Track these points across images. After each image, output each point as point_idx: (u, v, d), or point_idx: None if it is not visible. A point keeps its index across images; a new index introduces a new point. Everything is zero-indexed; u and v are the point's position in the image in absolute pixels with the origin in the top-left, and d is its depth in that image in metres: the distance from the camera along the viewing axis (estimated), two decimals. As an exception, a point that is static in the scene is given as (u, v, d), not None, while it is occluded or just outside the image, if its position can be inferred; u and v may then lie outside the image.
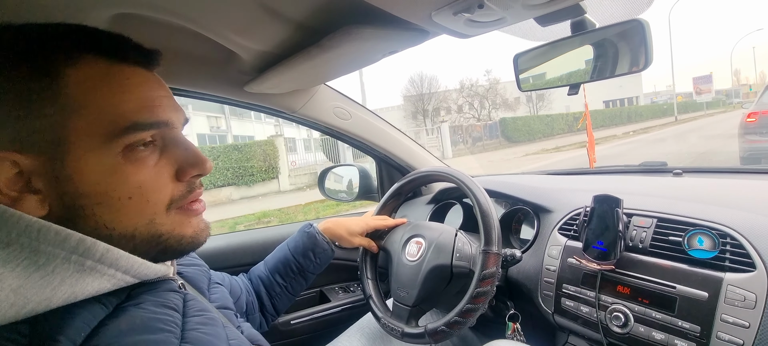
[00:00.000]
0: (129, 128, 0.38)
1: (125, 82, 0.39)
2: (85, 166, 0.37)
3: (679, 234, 0.69)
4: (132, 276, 0.39)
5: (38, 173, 0.36)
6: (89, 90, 0.37)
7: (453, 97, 26.09)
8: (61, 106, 0.36)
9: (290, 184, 11.45)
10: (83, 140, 0.37)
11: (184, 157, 0.43)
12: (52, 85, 0.36)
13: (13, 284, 0.32)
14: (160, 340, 0.36)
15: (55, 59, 0.36)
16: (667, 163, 1.19)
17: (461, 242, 0.88)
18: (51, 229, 0.35)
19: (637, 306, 0.69)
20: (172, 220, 0.42)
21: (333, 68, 0.77)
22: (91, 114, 0.37)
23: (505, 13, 0.50)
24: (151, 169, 0.41)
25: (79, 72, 0.37)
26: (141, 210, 0.40)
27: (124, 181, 0.38)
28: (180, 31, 0.67)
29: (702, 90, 28.86)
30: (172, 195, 0.42)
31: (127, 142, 0.38)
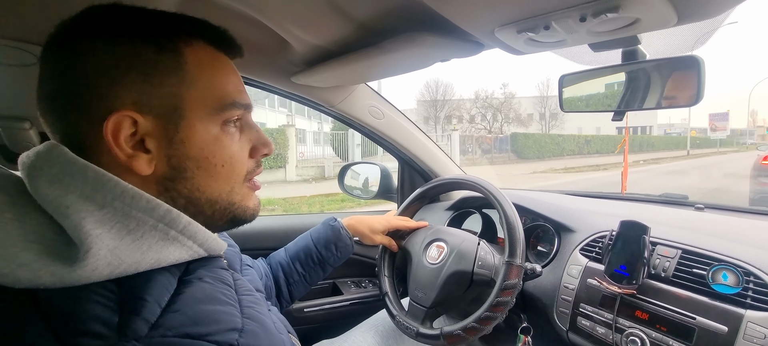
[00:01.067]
0: (230, 105, 0.44)
1: (226, 67, 0.45)
2: (195, 133, 0.41)
3: (703, 267, 0.70)
4: (204, 250, 0.42)
5: (152, 134, 0.40)
6: (203, 68, 0.42)
7: (466, 107, 26.04)
8: (181, 78, 0.41)
9: (297, 175, 11.49)
10: (196, 110, 0.41)
11: (256, 138, 0.48)
12: (176, 60, 0.40)
13: (110, 244, 0.34)
14: (228, 312, 0.39)
15: (176, 39, 0.41)
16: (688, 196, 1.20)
17: (484, 251, 0.90)
18: (143, 196, 0.37)
19: (655, 333, 0.71)
20: (244, 191, 0.47)
21: (384, 70, 0.79)
22: (203, 89, 0.42)
23: (567, 37, 0.52)
24: (236, 143, 0.46)
25: (194, 53, 0.42)
26: (228, 178, 0.45)
27: (221, 149, 0.43)
28: (240, 17, 0.70)
29: (717, 127, 28.53)
30: (248, 168, 0.47)
31: (225, 118, 0.44)
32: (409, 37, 0.60)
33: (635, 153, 23.16)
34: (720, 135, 28.32)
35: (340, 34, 0.69)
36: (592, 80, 0.70)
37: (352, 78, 0.91)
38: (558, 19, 0.48)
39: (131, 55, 0.39)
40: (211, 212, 0.44)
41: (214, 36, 0.44)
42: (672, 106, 0.60)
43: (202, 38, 0.43)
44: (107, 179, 0.36)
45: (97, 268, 0.33)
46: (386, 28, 0.64)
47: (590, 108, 0.71)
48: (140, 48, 0.39)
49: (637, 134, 30.17)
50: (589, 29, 0.49)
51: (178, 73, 0.41)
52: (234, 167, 0.45)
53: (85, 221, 0.34)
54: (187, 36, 0.42)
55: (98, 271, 0.33)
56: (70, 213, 0.34)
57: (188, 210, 0.41)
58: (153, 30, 0.40)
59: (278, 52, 0.83)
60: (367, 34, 0.67)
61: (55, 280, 0.32)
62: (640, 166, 15.96)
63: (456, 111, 26.09)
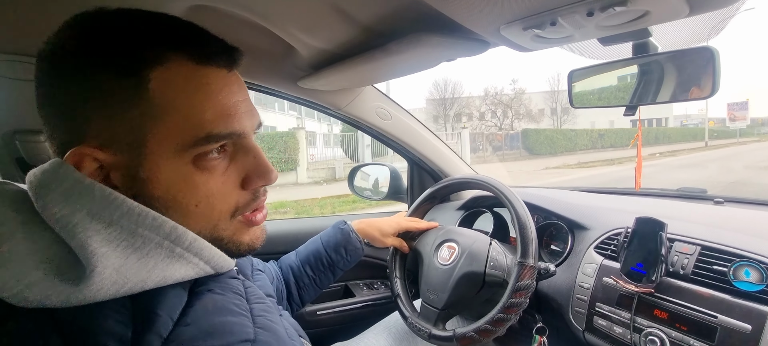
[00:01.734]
0: (203, 139, 0.38)
1: (207, 87, 0.38)
2: (160, 172, 0.37)
3: (724, 264, 0.68)
4: (211, 267, 0.41)
5: (117, 168, 0.37)
6: (172, 95, 0.37)
7: (476, 104, 25.86)
8: (144, 109, 0.36)
9: (308, 177, 11.57)
10: (161, 146, 0.37)
11: (252, 167, 0.42)
12: (138, 87, 0.36)
13: (115, 263, 0.34)
14: (240, 322, 0.39)
15: (142, 58, 0.36)
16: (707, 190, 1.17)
17: (495, 252, 0.89)
18: (149, 214, 0.36)
19: (675, 332, 0.69)
20: (233, 226, 0.43)
21: (390, 71, 0.79)
22: (170, 121, 0.37)
23: (575, 32, 0.51)
24: (219, 177, 0.40)
25: (164, 73, 0.36)
26: (207, 216, 0.40)
27: (193, 189, 0.39)
28: (245, 24, 0.70)
29: (736, 117, 27.69)
30: (238, 203, 0.42)
31: (198, 152, 0.38)
32: (414, 38, 0.59)
33: (651, 146, 22.70)
34: (739, 125, 27.50)
35: (345, 38, 0.69)
36: (604, 76, 0.68)
37: (359, 80, 0.91)
38: (564, 14, 0.47)
39: (90, 82, 0.36)
40: None
41: (195, 47, 0.38)
42: (686, 100, 0.58)
43: (178, 51, 0.37)
44: (114, 196, 0.36)
45: (102, 287, 0.33)
46: (391, 30, 0.64)
47: (603, 102, 0.69)
48: (101, 73, 0.36)
49: (652, 126, 29.56)
50: (598, 24, 0.48)
51: (141, 102, 0.36)
52: (213, 205, 0.40)
53: (91, 239, 0.33)
54: (157, 51, 0.36)
55: (104, 290, 0.33)
56: (77, 232, 0.34)
57: None
58: (115, 49, 0.36)
59: (284, 57, 0.84)
60: (372, 37, 0.67)
61: (63, 300, 0.32)
62: (656, 160, 15.62)
63: (465, 109, 25.92)
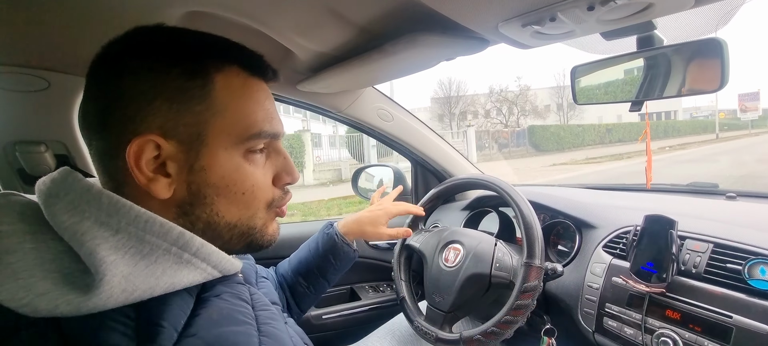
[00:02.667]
0: (255, 135, 0.43)
1: (256, 94, 0.44)
2: (216, 161, 0.41)
3: (738, 262, 0.66)
4: (219, 271, 0.42)
5: (174, 159, 0.40)
6: (231, 96, 0.42)
7: (481, 102, 25.74)
8: (208, 106, 0.40)
9: (314, 179, 11.62)
10: (219, 138, 0.41)
11: (282, 166, 0.48)
12: (204, 87, 0.40)
13: (124, 270, 0.34)
14: (245, 332, 0.39)
15: (207, 65, 0.41)
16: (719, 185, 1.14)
17: (501, 253, 0.88)
18: (156, 221, 0.37)
19: (688, 333, 0.67)
20: (266, 217, 0.47)
21: (389, 72, 0.78)
22: (230, 117, 0.41)
23: (576, 27, 0.49)
24: (260, 171, 0.45)
25: (224, 79, 0.42)
26: (248, 205, 0.44)
27: (243, 179, 0.43)
28: (243, 29, 0.70)
29: (748, 107, 27.12)
30: (273, 196, 0.47)
31: (250, 146, 0.43)
32: (411, 38, 0.58)
33: (660, 139, 22.41)
34: (751, 116, 26.97)
35: (342, 40, 0.68)
36: (607, 71, 0.67)
37: (358, 82, 0.90)
38: (564, 9, 0.45)
39: (161, 80, 0.39)
40: (229, 236, 0.44)
41: (248, 61, 0.44)
42: (694, 93, 0.56)
43: (235, 63, 0.43)
44: (121, 203, 0.37)
45: (112, 295, 0.33)
46: (388, 30, 0.63)
47: (609, 97, 0.68)
48: (170, 73, 0.39)
49: (661, 120, 29.19)
50: (599, 18, 0.47)
51: (206, 100, 0.40)
52: (256, 195, 0.44)
53: (100, 247, 0.34)
54: (219, 61, 0.42)
55: (113, 298, 0.33)
56: (86, 240, 0.34)
57: (206, 234, 0.42)
58: (185, 55, 0.41)
59: (282, 61, 0.83)
60: (370, 38, 0.66)
61: (72, 309, 0.32)
62: (665, 153, 15.39)
63: (471, 107, 25.81)
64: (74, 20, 0.63)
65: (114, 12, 0.63)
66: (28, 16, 0.61)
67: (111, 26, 0.65)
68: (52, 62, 0.70)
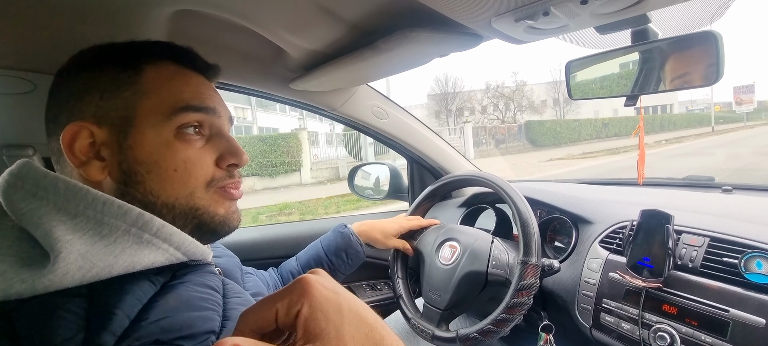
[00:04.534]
0: (182, 109, 0.44)
1: (187, 79, 0.47)
2: (144, 139, 0.43)
3: (734, 256, 0.66)
4: (182, 253, 0.42)
5: (106, 143, 0.42)
6: (159, 81, 0.45)
7: (477, 98, 25.75)
8: (135, 90, 0.43)
9: (312, 177, 11.60)
10: (147, 117, 0.43)
11: (225, 147, 0.48)
12: (134, 76, 0.44)
13: (81, 249, 0.35)
14: (204, 316, 0.38)
15: (139, 59, 0.45)
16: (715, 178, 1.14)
17: (498, 250, 0.87)
18: (114, 203, 0.39)
19: (685, 327, 0.67)
20: (209, 197, 0.47)
21: (382, 70, 0.78)
22: (156, 97, 0.44)
23: (569, 21, 0.49)
24: (196, 149, 0.46)
25: (156, 69, 0.45)
26: (184, 182, 0.44)
27: (172, 154, 0.44)
28: (233, 28, 0.69)
29: (743, 100, 27.25)
30: (213, 176, 0.47)
31: (179, 123, 0.44)
32: (404, 34, 0.57)
33: (656, 133, 22.51)
34: (746, 108, 27.14)
35: (334, 38, 0.67)
36: (602, 65, 0.66)
37: (351, 80, 0.89)
38: (557, 3, 0.45)
39: (96, 76, 0.43)
40: (170, 216, 0.44)
41: (178, 55, 0.47)
42: (689, 87, 0.56)
43: (167, 58, 0.46)
44: (78, 188, 0.38)
45: (68, 272, 0.33)
46: (380, 27, 0.62)
47: (604, 91, 0.67)
48: (104, 69, 0.43)
49: (657, 113, 29.28)
50: (593, 11, 0.46)
51: (134, 86, 0.43)
52: (190, 172, 0.45)
53: (56, 228, 0.35)
54: (151, 56, 0.45)
55: (69, 275, 0.33)
56: (42, 223, 0.35)
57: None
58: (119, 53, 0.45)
59: (274, 59, 0.82)
60: (361, 35, 0.65)
61: (27, 287, 0.32)
62: (661, 147, 15.47)
63: (467, 103, 25.82)
64: (61, 22, 0.61)
65: (102, 13, 0.62)
66: (12, 17, 0.59)
67: (99, 27, 0.65)
68: (37, 64, 0.69)
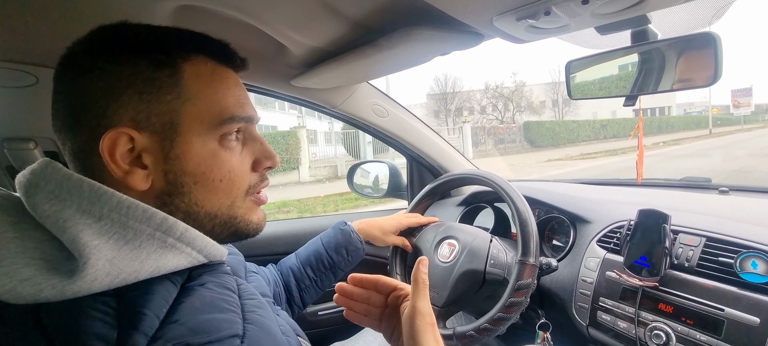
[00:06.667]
0: (228, 120, 0.43)
1: (226, 81, 0.45)
2: (191, 149, 0.41)
3: (730, 255, 0.67)
4: (204, 256, 0.42)
5: (149, 150, 0.40)
6: (201, 84, 0.42)
7: (477, 98, 25.74)
8: (178, 94, 0.41)
9: (310, 175, 11.59)
10: (193, 126, 0.41)
11: (260, 151, 0.48)
12: (173, 76, 0.41)
13: (108, 254, 0.34)
14: (228, 319, 0.38)
15: (174, 55, 0.41)
16: (712, 179, 1.15)
17: (496, 249, 0.88)
18: (139, 206, 0.38)
19: (680, 326, 0.68)
20: (246, 205, 0.47)
21: (383, 67, 0.78)
22: (201, 104, 0.42)
23: (570, 21, 0.49)
24: (237, 157, 0.45)
25: (193, 67, 0.42)
26: (227, 192, 0.44)
27: (219, 165, 0.43)
28: (236, 24, 0.69)
29: (740, 103, 27.36)
30: (250, 183, 0.47)
31: (223, 132, 0.43)
32: (405, 32, 0.58)
33: (654, 135, 22.57)
34: (743, 111, 27.24)
35: (335, 35, 0.68)
36: (602, 66, 0.66)
37: (352, 77, 0.90)
38: (558, 3, 0.45)
39: (129, 73, 0.39)
40: (211, 225, 0.44)
41: (214, 50, 0.45)
42: (688, 88, 0.56)
43: (202, 52, 0.43)
44: (103, 191, 0.37)
45: (96, 278, 0.33)
46: (382, 25, 0.62)
47: (604, 92, 0.68)
48: (138, 65, 0.40)
49: (655, 115, 29.37)
50: (594, 11, 0.46)
51: (175, 89, 0.41)
52: (234, 182, 0.45)
53: (83, 233, 0.34)
54: (186, 51, 0.42)
55: (98, 281, 0.33)
56: (68, 226, 0.34)
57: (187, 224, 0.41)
58: (151, 47, 0.41)
59: (276, 56, 0.82)
60: (363, 33, 0.65)
61: (56, 293, 0.32)
62: (659, 149, 15.52)
63: (467, 103, 25.82)
64: (63, 15, 0.62)
65: (103, 7, 0.62)
66: (15, 10, 0.59)
67: (100, 21, 0.64)
68: (40, 57, 0.69)
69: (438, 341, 0.52)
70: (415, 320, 0.53)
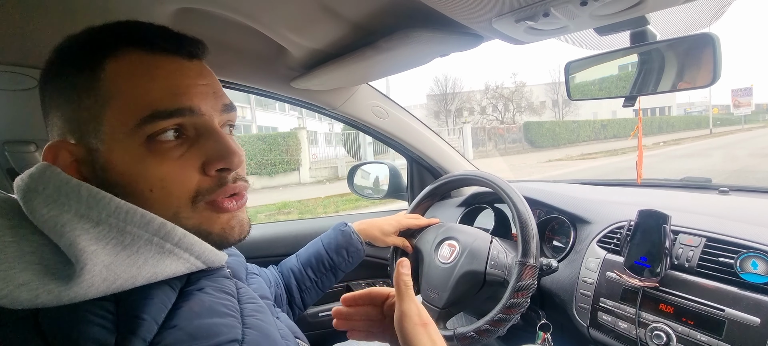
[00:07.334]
0: (149, 117, 0.38)
1: (155, 71, 0.39)
2: (115, 157, 0.38)
3: (730, 256, 0.67)
4: (202, 262, 0.41)
5: (84, 160, 0.39)
6: (121, 80, 0.38)
7: (477, 99, 25.75)
8: (97, 97, 0.38)
9: (311, 176, 11.59)
10: (113, 130, 0.38)
11: (212, 149, 0.41)
12: (93, 78, 0.38)
13: (105, 260, 0.34)
14: (227, 323, 0.38)
15: (97, 54, 0.38)
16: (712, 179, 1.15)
17: (496, 250, 0.88)
18: (137, 212, 0.37)
19: (681, 326, 0.68)
20: (198, 215, 0.41)
21: (383, 69, 0.78)
22: (119, 104, 0.38)
23: (569, 22, 0.49)
24: (174, 161, 0.39)
25: (117, 64, 0.38)
26: (164, 203, 0.39)
27: (146, 172, 0.38)
28: (235, 26, 0.69)
29: (741, 103, 27.33)
30: (198, 188, 0.41)
31: (148, 132, 0.38)
32: (405, 34, 0.58)
33: (654, 135, 22.56)
34: (744, 111, 27.22)
35: (335, 36, 0.68)
36: (601, 66, 0.67)
37: (352, 79, 0.90)
38: (557, 5, 0.45)
39: (59, 82, 0.39)
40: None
41: (147, 37, 0.40)
42: (688, 89, 0.56)
43: (131, 45, 0.39)
44: (101, 196, 0.36)
45: (93, 284, 0.33)
46: (381, 26, 0.63)
47: (603, 93, 0.68)
48: (65, 73, 0.39)
49: (655, 115, 29.36)
50: (592, 13, 0.47)
51: (94, 91, 0.38)
52: (169, 190, 0.39)
53: (80, 238, 0.34)
54: (113, 48, 0.38)
55: (94, 287, 0.33)
56: (66, 231, 0.34)
57: None
58: (77, 51, 0.39)
59: (276, 58, 0.83)
60: (363, 35, 0.66)
61: (53, 298, 0.32)
62: (659, 149, 15.50)
63: (467, 103, 25.83)
64: (63, 18, 0.62)
65: (103, 9, 0.62)
66: (15, 12, 0.59)
67: (99, 24, 0.65)
68: (40, 60, 0.68)
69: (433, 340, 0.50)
70: (403, 323, 0.51)
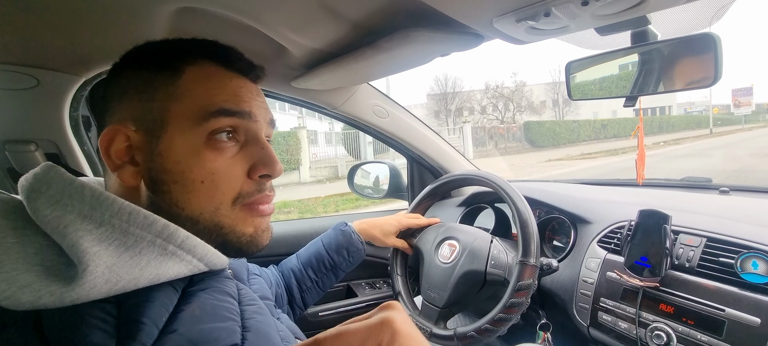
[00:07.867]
0: (215, 113, 0.42)
1: (227, 81, 0.44)
2: (173, 146, 0.41)
3: (731, 256, 0.67)
4: (204, 264, 0.41)
5: (140, 147, 0.41)
6: (197, 84, 0.43)
7: (477, 98, 25.73)
8: (171, 93, 0.42)
9: (311, 176, 11.59)
10: (179, 122, 0.41)
11: (258, 156, 0.45)
12: (172, 77, 0.42)
13: (108, 261, 0.34)
14: (227, 328, 0.38)
15: (179, 60, 0.43)
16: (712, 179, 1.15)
17: (497, 250, 0.88)
18: (140, 212, 0.37)
19: (681, 326, 0.68)
20: (235, 215, 0.44)
21: (383, 69, 0.78)
22: (189, 100, 0.42)
23: (570, 22, 0.49)
24: (226, 159, 0.43)
25: (196, 70, 0.43)
26: (210, 196, 0.42)
27: (200, 164, 0.41)
28: (236, 26, 0.69)
29: (741, 103, 27.31)
30: (241, 189, 0.44)
31: (211, 128, 0.42)
32: (406, 33, 0.58)
33: (655, 134, 22.56)
34: (744, 111, 27.21)
35: (335, 36, 0.68)
36: (602, 66, 0.67)
37: (352, 79, 0.90)
38: (558, 4, 0.45)
39: (133, 76, 0.43)
40: (194, 231, 0.41)
41: (220, 56, 0.45)
42: (688, 89, 0.56)
43: (207, 57, 0.44)
44: (104, 196, 0.37)
45: (95, 285, 0.33)
46: (382, 26, 0.63)
47: (604, 93, 0.68)
48: (141, 70, 0.43)
49: (655, 115, 29.34)
50: (593, 13, 0.46)
51: (169, 88, 0.42)
52: (217, 185, 0.42)
53: (83, 239, 0.34)
54: (192, 56, 0.44)
55: (96, 288, 0.33)
56: (68, 232, 0.34)
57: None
58: (156, 54, 0.44)
59: (276, 57, 0.82)
60: (363, 34, 0.66)
61: (55, 300, 0.32)
62: (659, 149, 15.50)
63: (467, 103, 25.82)
64: (64, 17, 0.62)
65: (105, 9, 0.62)
66: (15, 13, 0.59)
67: (101, 24, 0.65)
68: (40, 60, 0.69)
69: None
70: None
